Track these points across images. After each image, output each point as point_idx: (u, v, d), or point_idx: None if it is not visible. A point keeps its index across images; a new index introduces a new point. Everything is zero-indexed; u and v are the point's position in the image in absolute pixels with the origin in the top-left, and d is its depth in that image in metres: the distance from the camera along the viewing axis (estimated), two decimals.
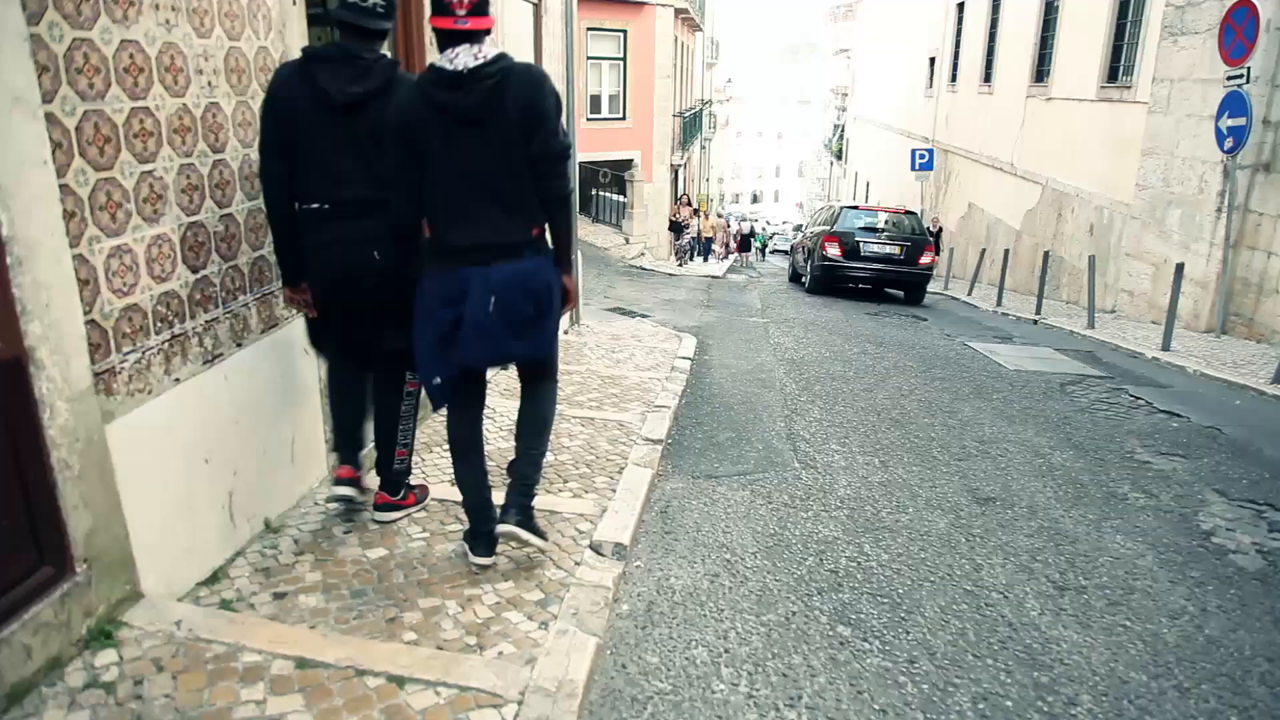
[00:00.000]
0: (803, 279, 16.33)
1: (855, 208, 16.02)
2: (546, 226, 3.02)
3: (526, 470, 3.28)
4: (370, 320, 3.26)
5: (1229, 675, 2.97)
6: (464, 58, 2.78)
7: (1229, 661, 3.05)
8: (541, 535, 3.27)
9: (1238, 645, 3.16)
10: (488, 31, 2.85)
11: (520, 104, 2.81)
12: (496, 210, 2.89)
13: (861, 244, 14.08)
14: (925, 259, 14.15)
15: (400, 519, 3.60)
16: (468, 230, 2.89)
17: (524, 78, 2.84)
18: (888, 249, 14.06)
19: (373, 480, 3.65)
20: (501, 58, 2.83)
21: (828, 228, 14.89)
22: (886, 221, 14.69)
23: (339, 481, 3.47)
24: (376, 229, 3.07)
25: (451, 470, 3.30)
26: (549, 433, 3.39)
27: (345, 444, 3.56)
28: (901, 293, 14.79)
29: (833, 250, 14.20)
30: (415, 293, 3.00)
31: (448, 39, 2.81)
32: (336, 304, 3.24)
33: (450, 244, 2.92)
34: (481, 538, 3.24)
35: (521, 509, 3.22)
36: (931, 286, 15.32)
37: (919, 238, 14.44)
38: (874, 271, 14.13)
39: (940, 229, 20.59)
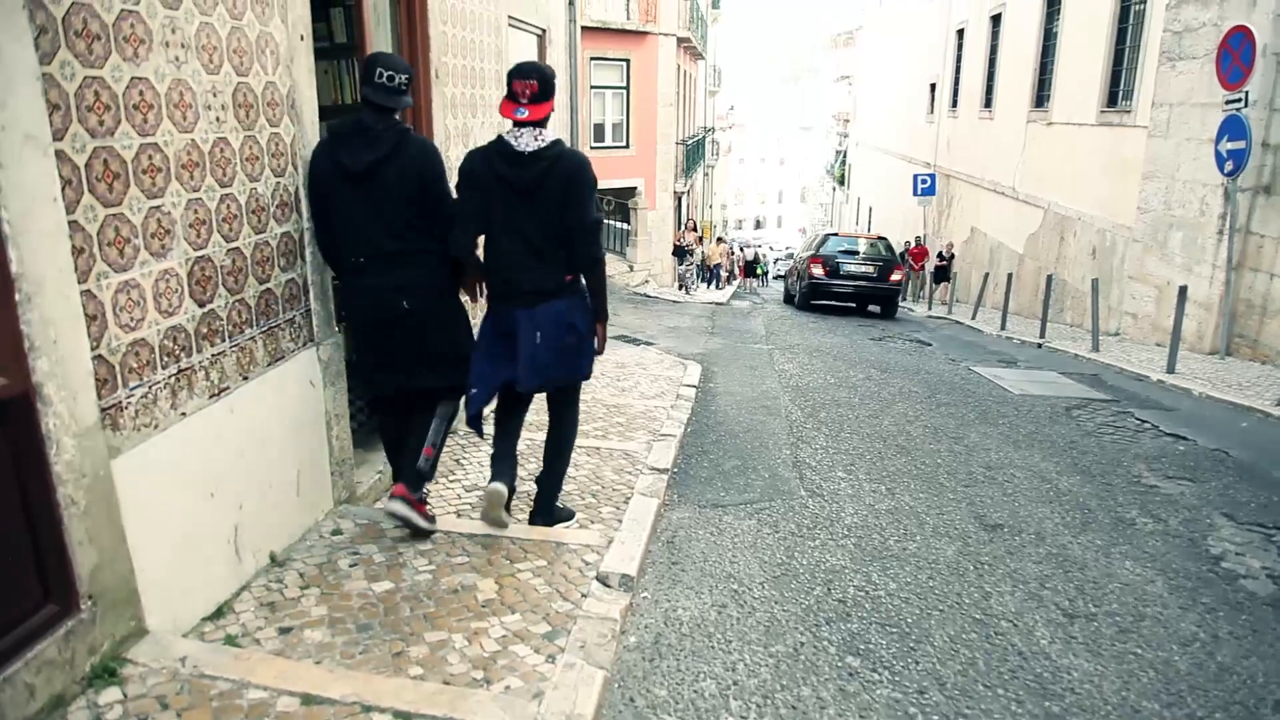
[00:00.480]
0: (794, 299, 18.68)
1: (836, 234, 19.08)
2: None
3: (550, 483, 3.98)
4: (402, 359, 3.65)
5: (1242, 703, 2.94)
6: (526, 139, 3.43)
7: (1242, 689, 3.02)
8: (570, 514, 4.11)
9: (1250, 673, 3.13)
10: (548, 116, 3.48)
11: (564, 183, 3.44)
12: (540, 264, 3.53)
13: (841, 265, 16.49)
14: (895, 277, 16.60)
15: (407, 516, 3.60)
16: (518, 279, 3.54)
17: (570, 161, 3.48)
18: (863, 268, 16.46)
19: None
20: (557, 144, 3.47)
21: (813, 252, 17.41)
22: (862, 246, 17.24)
23: (394, 498, 3.63)
24: (404, 278, 3.51)
25: (458, 503, 3.31)
26: (570, 452, 4.01)
27: (396, 468, 3.92)
28: (879, 308, 16.97)
29: (818, 270, 16.61)
30: (453, 328, 3.74)
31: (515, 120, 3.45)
32: (371, 345, 3.69)
33: (503, 289, 3.60)
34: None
35: (548, 511, 3.98)
36: (937, 311, 16.42)
37: (889, 259, 16.84)
38: (852, 288, 16.47)
39: (953, 255, 20.81)
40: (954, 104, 24.93)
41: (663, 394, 6.99)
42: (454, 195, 3.60)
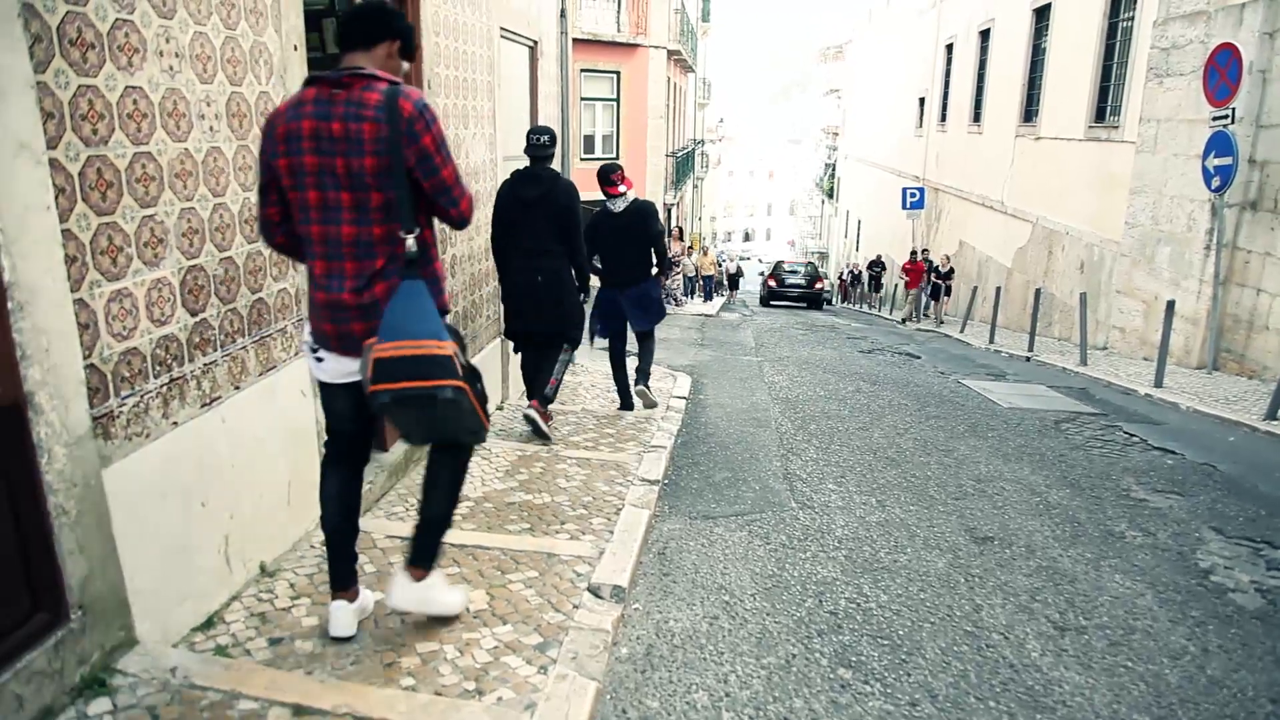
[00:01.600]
0: (760, 299, 28.82)
1: (783, 261, 31.31)
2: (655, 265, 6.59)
3: (646, 364, 6.78)
4: (537, 315, 5.59)
5: (1233, 717, 2.95)
6: (620, 203, 6.26)
7: (1232, 703, 3.03)
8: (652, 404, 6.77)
9: (1240, 686, 3.14)
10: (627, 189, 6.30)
11: (642, 222, 6.30)
12: (630, 267, 6.40)
13: (785, 278, 27.68)
14: (817, 285, 27.20)
15: (536, 420, 5.58)
16: (617, 273, 6.42)
17: (643, 208, 6.36)
18: (798, 280, 27.45)
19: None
20: (635, 200, 6.35)
21: (770, 271, 29.50)
22: (799, 267, 29.16)
23: (529, 408, 5.66)
24: (545, 266, 5.46)
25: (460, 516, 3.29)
26: (653, 356, 6.90)
27: (531, 390, 5.87)
28: (807, 304, 26.86)
29: (772, 282, 27.92)
30: (571, 298, 5.65)
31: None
32: (520, 305, 5.63)
33: (611, 280, 6.47)
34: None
35: (644, 375, 6.74)
36: (925, 326, 19.17)
37: (814, 275, 28.07)
38: (793, 292, 27.05)
39: (951, 268, 20.24)
40: (943, 118, 25.11)
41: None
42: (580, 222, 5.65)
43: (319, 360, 2.79)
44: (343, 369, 2.77)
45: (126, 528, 2.60)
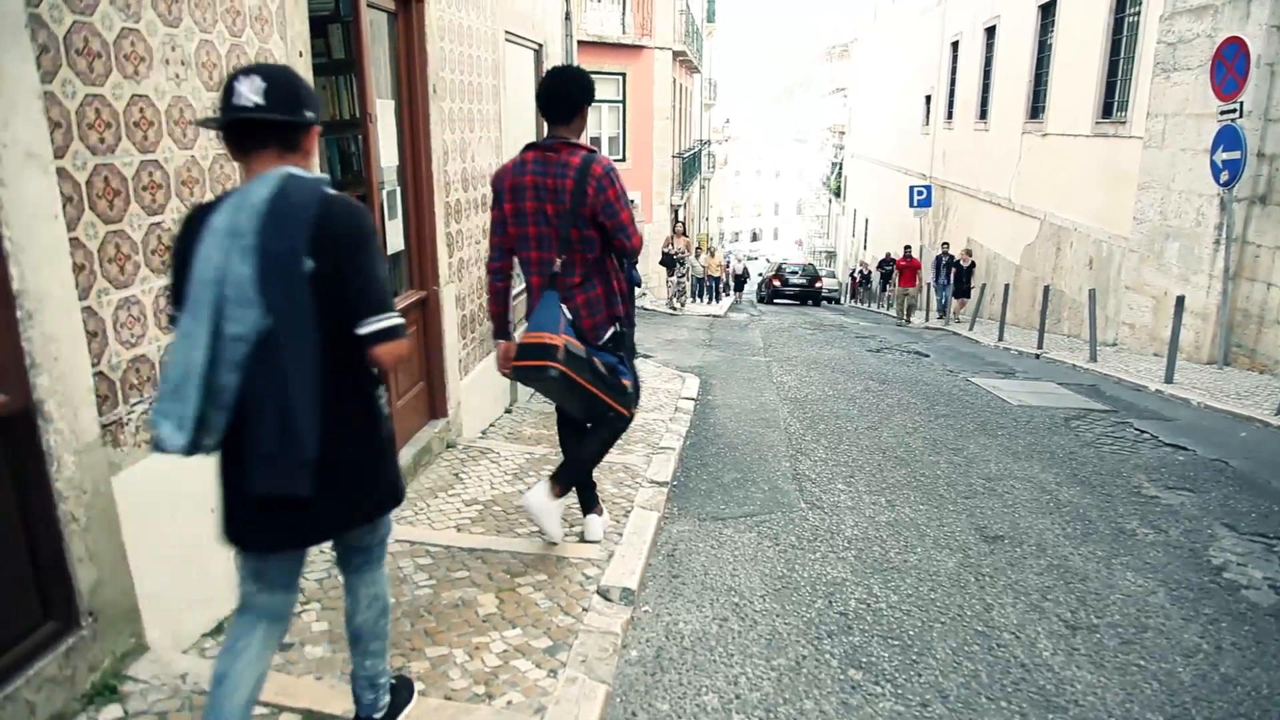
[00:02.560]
0: (763, 298, 30.18)
1: (784, 262, 33.42)
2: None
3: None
4: None
5: (1247, 715, 2.93)
6: None
7: (1246, 701, 3.01)
8: None
9: (1254, 684, 3.13)
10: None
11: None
12: None
13: (787, 278, 29.45)
14: (817, 284, 29.12)
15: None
16: None
17: None
18: (799, 279, 29.35)
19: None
20: None
21: (774, 271, 31.07)
22: (799, 267, 31.08)
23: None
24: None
25: (458, 517, 3.29)
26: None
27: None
28: (811, 300, 28.85)
29: (776, 281, 29.56)
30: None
31: None
32: None
33: None
34: None
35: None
36: (934, 324, 18.69)
37: (814, 274, 30.10)
38: (794, 289, 28.84)
39: (973, 263, 18.77)
40: (949, 116, 25.05)
41: (661, 407, 6.98)
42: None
43: None
44: None
45: (136, 534, 2.61)
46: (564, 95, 3.48)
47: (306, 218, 1.91)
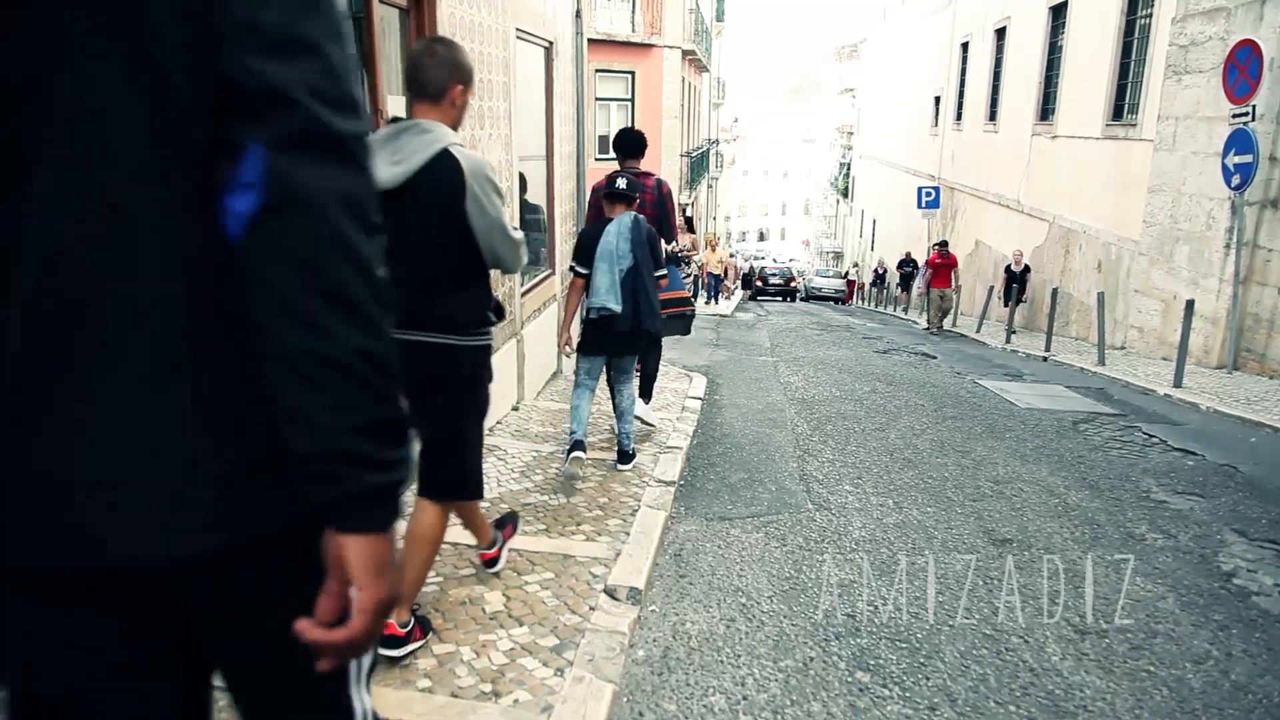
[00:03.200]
0: (751, 295, 32.42)
1: (766, 267, 37.54)
2: None
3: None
4: None
5: None
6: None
7: (1258, 709, 2.99)
8: None
9: (1265, 691, 3.10)
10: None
11: None
12: None
13: (769, 278, 33.52)
14: (791, 284, 33.34)
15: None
16: None
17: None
18: (777, 280, 33.36)
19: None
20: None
21: (758, 274, 34.52)
22: (778, 270, 35.31)
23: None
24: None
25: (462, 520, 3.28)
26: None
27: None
28: (788, 296, 32.76)
29: (759, 282, 33.09)
30: None
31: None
32: None
33: None
34: None
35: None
36: (935, 325, 17.38)
37: (788, 275, 34.26)
38: (773, 286, 32.74)
39: (1027, 265, 16.59)
40: (958, 117, 24.99)
41: (668, 406, 6.97)
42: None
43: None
44: None
45: None
46: (637, 142, 5.58)
47: (644, 231, 4.76)
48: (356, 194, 0.92)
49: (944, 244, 17.25)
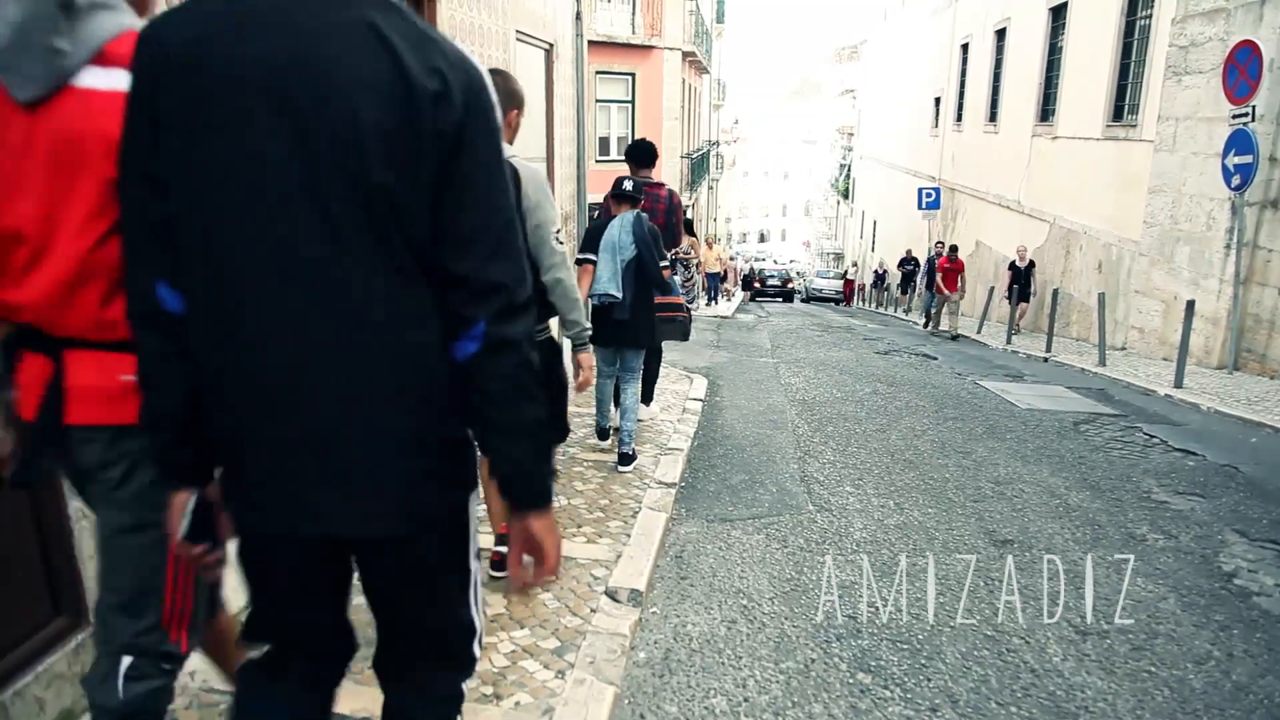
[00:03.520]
0: (751, 296, 32.79)
1: (763, 269, 37.92)
2: None
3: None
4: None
5: None
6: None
7: (1259, 709, 2.99)
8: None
9: (1267, 691, 3.10)
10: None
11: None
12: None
13: (767, 279, 34.34)
14: (788, 285, 34.52)
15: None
16: None
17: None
18: (774, 281, 34.29)
19: None
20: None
21: (758, 275, 35.30)
22: (775, 272, 36.35)
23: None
24: None
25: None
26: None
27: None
28: (784, 297, 33.84)
29: (757, 284, 33.57)
30: None
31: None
32: None
33: None
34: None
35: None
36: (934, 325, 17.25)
37: (785, 277, 35.41)
38: (771, 288, 33.53)
39: (1032, 262, 16.15)
40: (959, 118, 24.99)
41: (669, 407, 6.97)
42: None
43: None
44: None
45: None
46: (650, 151, 5.85)
47: (645, 226, 4.85)
48: (529, 330, 1.44)
49: (954, 249, 17.04)
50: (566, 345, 3.83)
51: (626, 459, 5.19)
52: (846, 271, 39.65)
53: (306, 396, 1.36)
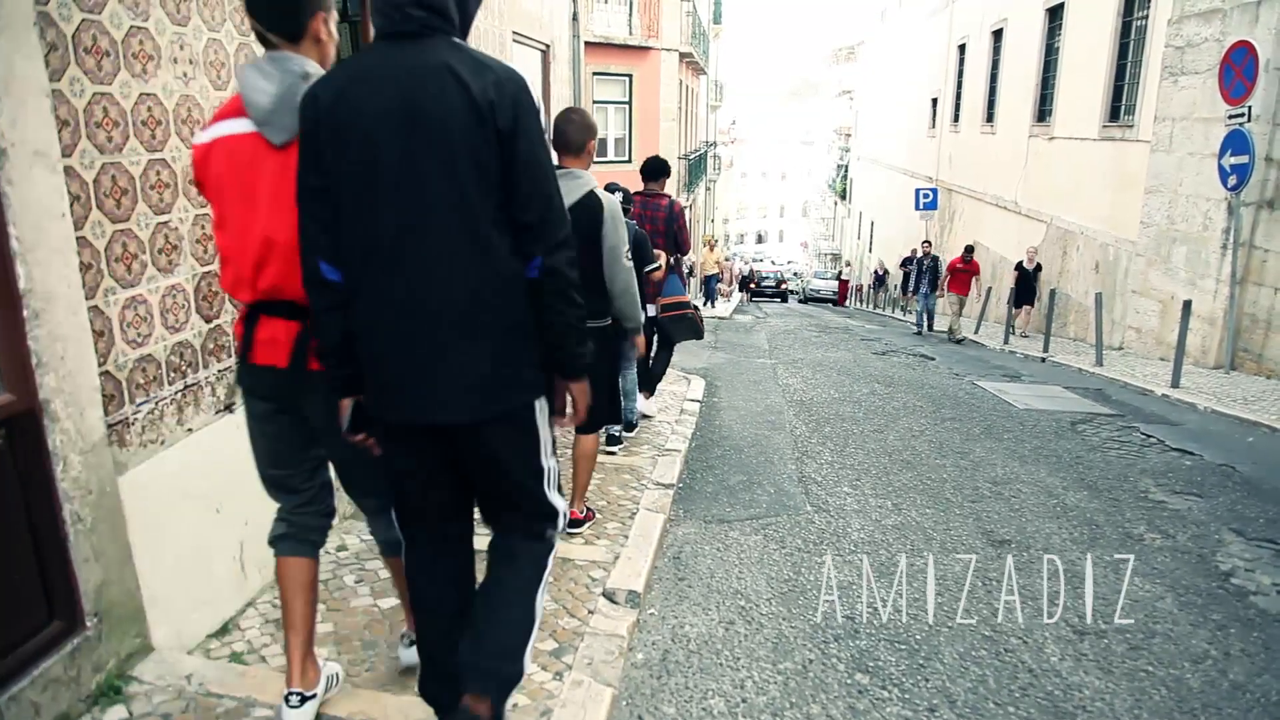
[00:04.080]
0: (748, 296, 33.69)
1: (759, 270, 39.38)
2: None
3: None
4: None
5: None
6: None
7: (1256, 708, 2.99)
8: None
9: (1264, 690, 3.10)
10: None
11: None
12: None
13: (763, 281, 35.87)
14: (782, 285, 36.25)
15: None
16: None
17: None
18: (769, 283, 35.83)
19: None
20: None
21: (751, 276, 36.39)
22: (770, 274, 37.73)
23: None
24: None
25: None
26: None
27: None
28: (781, 297, 35.51)
29: (752, 285, 34.75)
30: None
31: None
32: None
33: None
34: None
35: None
36: (938, 326, 17.16)
37: (779, 278, 36.96)
38: (767, 288, 35.19)
39: (1038, 265, 15.67)
40: (956, 119, 25.00)
41: (667, 408, 6.97)
42: None
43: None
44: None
45: (142, 534, 2.60)
46: (662, 168, 6.11)
47: (633, 231, 4.62)
48: (573, 256, 2.07)
49: (970, 249, 16.06)
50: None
51: (629, 425, 5.80)
52: (840, 272, 39.80)
53: (432, 329, 1.97)
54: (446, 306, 1.96)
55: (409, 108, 1.89)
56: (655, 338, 6.17)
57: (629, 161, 22.51)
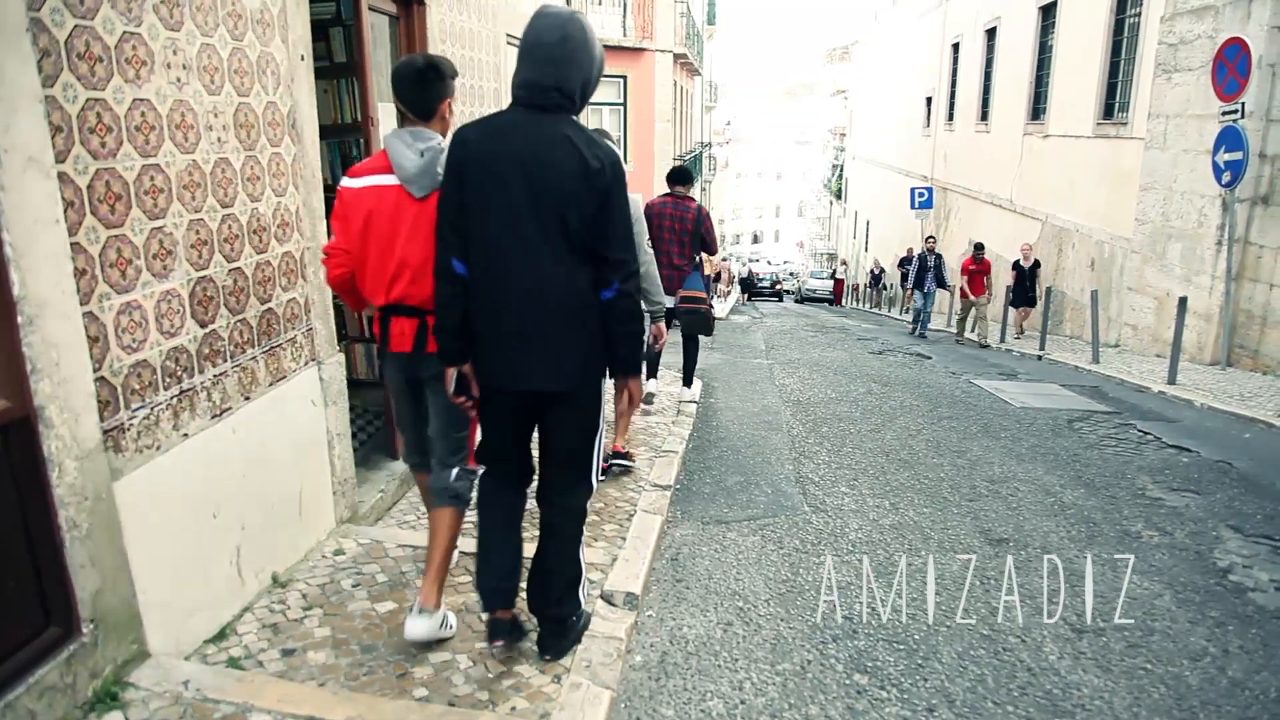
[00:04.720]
0: (746, 295, 34.18)
1: (757, 271, 40.70)
2: None
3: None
4: None
5: (1255, 719, 2.91)
6: None
7: (1255, 705, 2.99)
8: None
9: (1263, 687, 3.11)
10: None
11: None
12: None
13: (758, 281, 36.96)
14: (778, 285, 38.52)
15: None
16: None
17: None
18: (765, 283, 37.50)
19: None
20: None
21: (747, 275, 37.10)
22: (769, 274, 40.20)
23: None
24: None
25: (469, 524, 3.27)
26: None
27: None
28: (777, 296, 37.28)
29: (751, 284, 35.43)
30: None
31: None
32: None
33: None
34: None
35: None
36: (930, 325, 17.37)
37: (775, 279, 39.10)
38: (763, 289, 36.60)
39: (1037, 261, 15.27)
40: (950, 117, 25.04)
41: (664, 409, 6.96)
42: None
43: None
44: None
45: (138, 540, 2.59)
46: (686, 176, 6.68)
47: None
48: (638, 286, 2.73)
49: (979, 247, 15.47)
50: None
51: (650, 397, 6.83)
52: (835, 271, 39.92)
53: (529, 317, 2.61)
54: (546, 309, 2.60)
55: (537, 160, 2.52)
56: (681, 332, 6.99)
57: (625, 163, 22.44)
